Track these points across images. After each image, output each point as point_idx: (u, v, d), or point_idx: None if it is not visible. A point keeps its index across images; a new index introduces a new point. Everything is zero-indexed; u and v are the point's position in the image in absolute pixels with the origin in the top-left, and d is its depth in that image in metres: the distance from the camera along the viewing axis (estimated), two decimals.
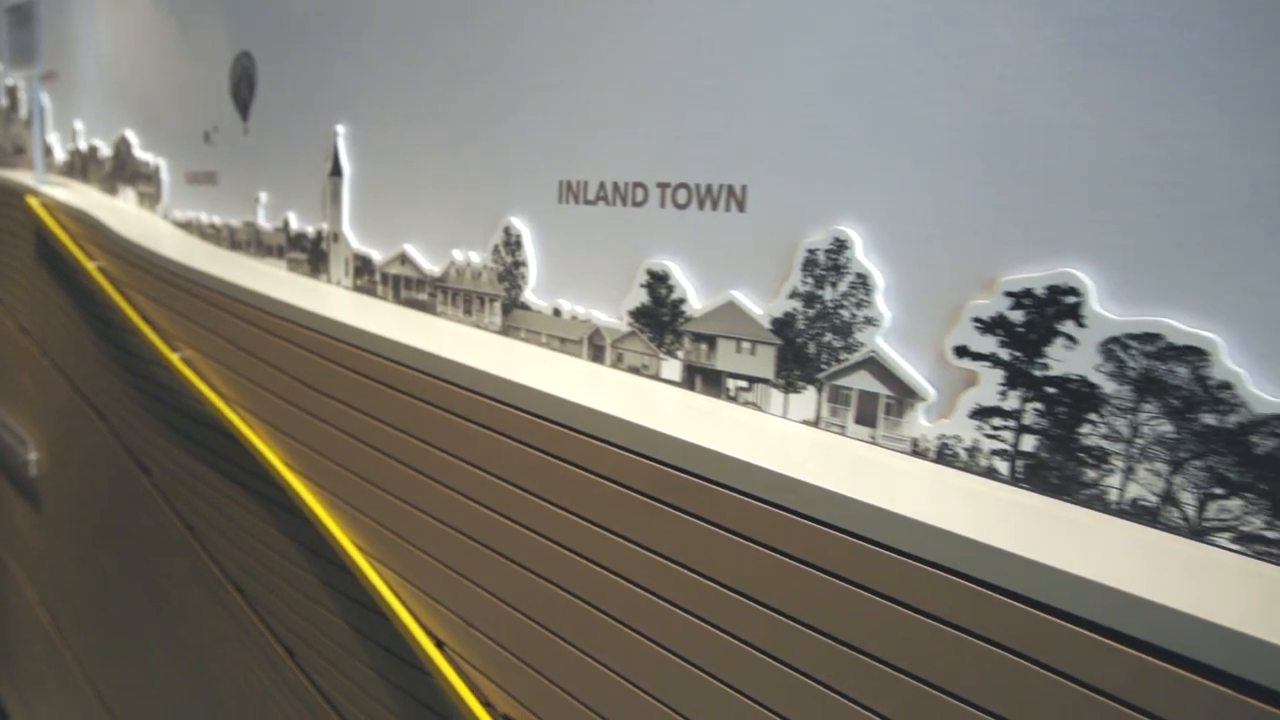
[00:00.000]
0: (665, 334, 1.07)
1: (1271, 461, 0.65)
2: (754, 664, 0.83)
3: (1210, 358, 0.67)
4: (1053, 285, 0.75)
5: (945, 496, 0.77)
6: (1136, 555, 0.68)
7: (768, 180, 0.96)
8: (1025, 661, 0.65)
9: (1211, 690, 0.55)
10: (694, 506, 0.87)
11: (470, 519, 1.15)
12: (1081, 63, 0.73)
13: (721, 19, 0.97)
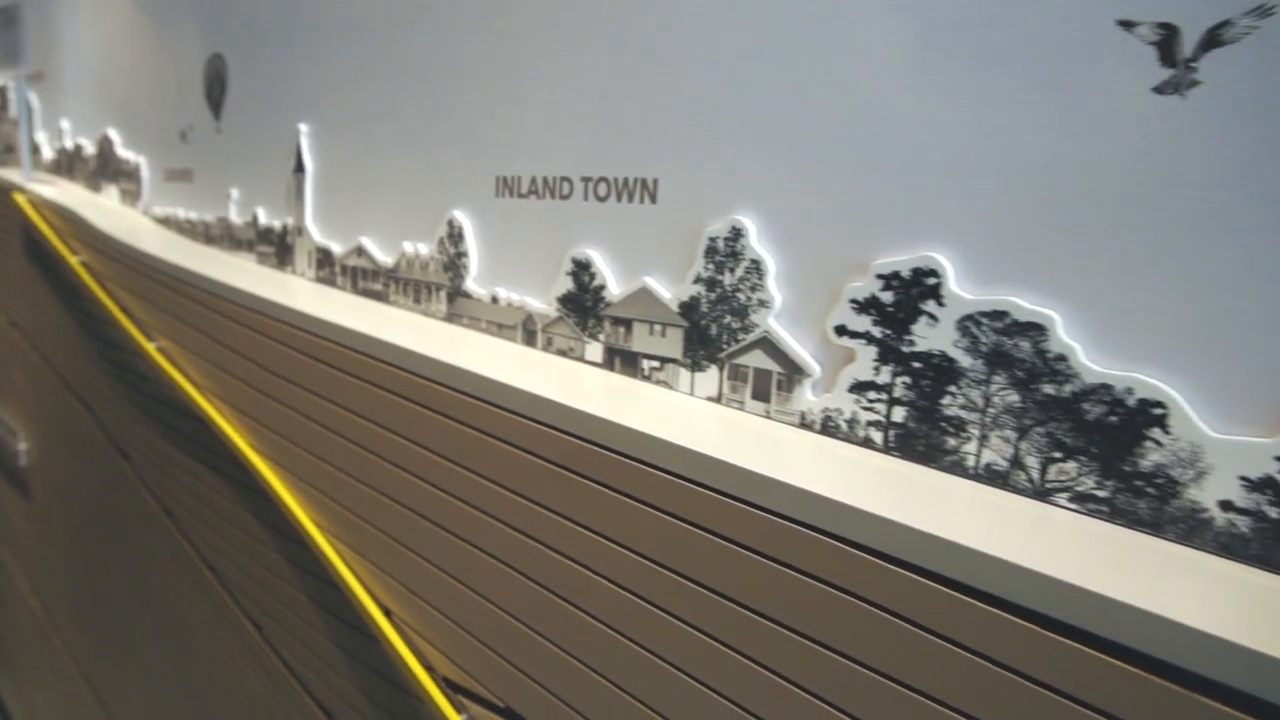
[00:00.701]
0: (588, 319, 1.12)
1: (1100, 427, 0.71)
2: (657, 622, 0.88)
3: (1048, 333, 0.73)
4: (916, 268, 0.80)
5: (825, 465, 0.82)
6: (987, 516, 0.73)
7: (676, 173, 1.01)
8: (888, 615, 0.70)
9: (1049, 639, 0.61)
10: (608, 478, 0.92)
11: (413, 494, 1.20)
12: (937, 65, 0.78)
13: (636, 27, 1.02)
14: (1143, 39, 0.67)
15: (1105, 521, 0.71)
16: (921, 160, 0.79)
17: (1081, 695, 0.59)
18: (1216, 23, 0.64)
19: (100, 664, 2.74)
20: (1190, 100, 0.66)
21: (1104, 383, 0.70)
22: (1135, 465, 0.69)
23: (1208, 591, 0.61)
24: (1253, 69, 0.63)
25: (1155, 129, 0.67)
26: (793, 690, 0.77)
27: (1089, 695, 0.59)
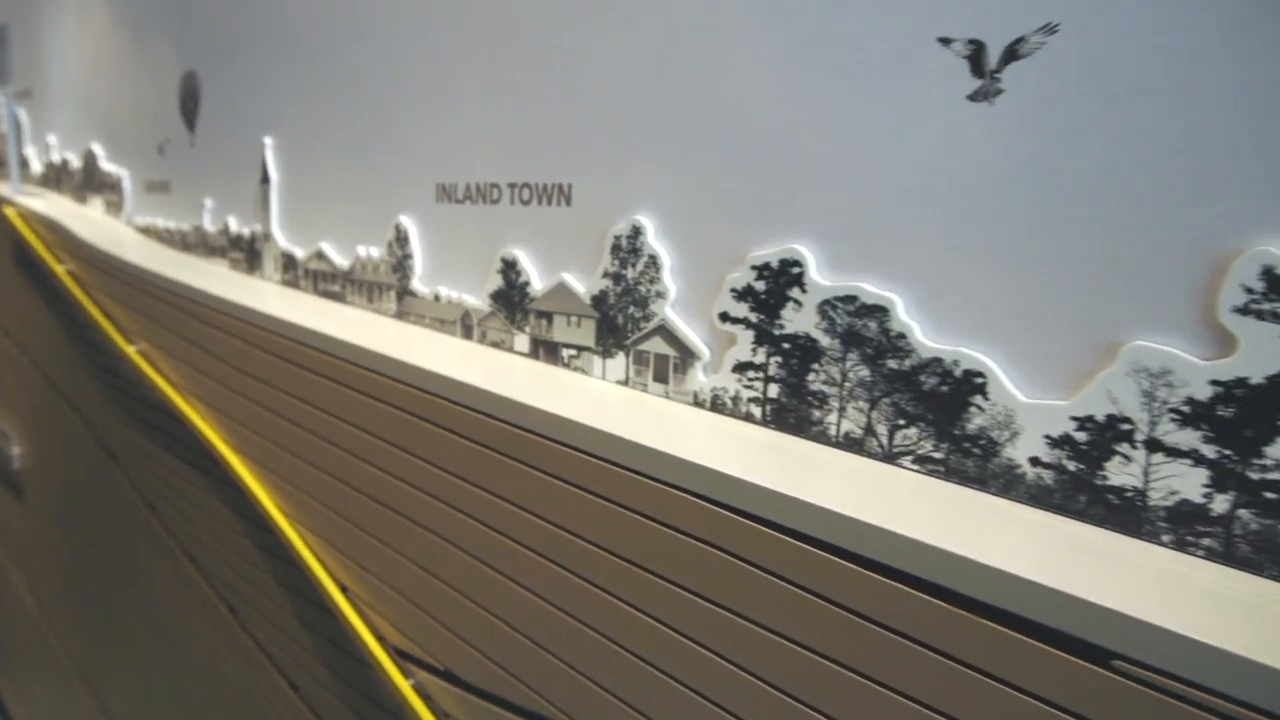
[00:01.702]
0: (516, 313, 1.21)
1: (934, 396, 0.79)
2: (572, 585, 0.97)
3: (891, 314, 0.81)
4: (783, 259, 0.88)
5: (712, 439, 0.90)
6: (844, 480, 0.81)
7: (587, 179, 1.09)
8: (757, 570, 0.78)
9: (892, 587, 0.69)
10: (531, 458, 1.00)
11: (363, 478, 1.28)
12: (797, 80, 0.86)
13: (553, 49, 1.10)
14: (957, 53, 0.75)
15: (942, 479, 0.79)
16: (786, 164, 0.87)
17: (922, 637, 0.68)
18: (1014, 39, 0.72)
19: (92, 656, 2.82)
20: (997, 106, 0.74)
21: (936, 356, 0.78)
22: (963, 429, 0.78)
23: (1025, 541, 0.69)
24: (1043, 77, 0.71)
25: (970, 132, 0.75)
26: (684, 643, 0.86)
27: (930, 637, 0.67)
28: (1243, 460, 0.64)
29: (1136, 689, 0.57)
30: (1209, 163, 0.63)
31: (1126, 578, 0.63)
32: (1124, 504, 0.69)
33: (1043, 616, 0.61)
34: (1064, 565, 0.64)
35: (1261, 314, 0.62)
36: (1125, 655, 0.58)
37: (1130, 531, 0.69)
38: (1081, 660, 0.59)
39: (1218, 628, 0.56)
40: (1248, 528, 0.64)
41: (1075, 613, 0.59)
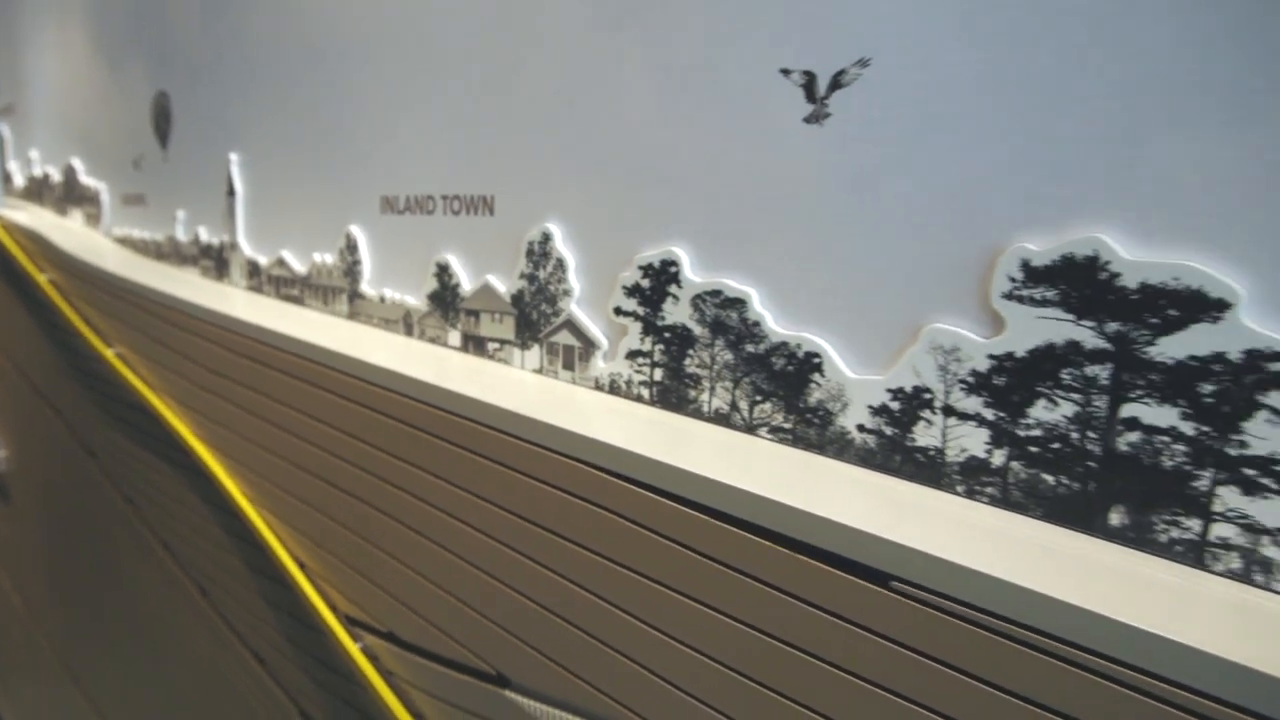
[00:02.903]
0: (449, 311, 1.32)
1: (783, 375, 0.91)
2: (496, 551, 1.08)
3: (748, 305, 0.93)
4: (663, 259, 1.00)
5: (609, 418, 1.02)
6: (713, 450, 0.93)
7: (507, 190, 1.21)
8: (639, 527, 0.90)
9: (750, 540, 0.80)
10: (458, 438, 1.11)
11: (315, 462, 1.39)
12: (674, 103, 0.98)
13: (477, 75, 1.22)
14: (795, 83, 0.88)
15: (791, 446, 0.92)
16: (665, 177, 0.99)
17: (762, 575, 0.80)
18: (837, 70, 0.85)
19: (78, 651, 2.90)
20: (826, 127, 0.86)
21: (784, 341, 0.90)
22: (806, 402, 0.90)
23: (846, 494, 0.81)
24: (861, 103, 0.83)
25: (806, 150, 0.87)
26: (578, 591, 0.97)
27: (776, 578, 0.79)
28: (1012, 420, 0.76)
29: (910, 604, 0.69)
30: (982, 175, 0.76)
31: (918, 520, 0.75)
32: (928, 461, 0.82)
33: (845, 550, 0.73)
34: (874, 513, 0.76)
35: (1022, 299, 0.74)
36: (901, 577, 0.70)
37: (932, 483, 0.82)
38: (867, 581, 0.71)
39: (978, 554, 0.68)
40: (1019, 476, 0.77)
41: (864, 544, 0.71)
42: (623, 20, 1.02)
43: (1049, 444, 0.75)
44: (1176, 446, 0.68)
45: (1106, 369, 0.71)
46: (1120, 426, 0.71)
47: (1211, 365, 0.66)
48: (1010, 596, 0.66)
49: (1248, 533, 0.66)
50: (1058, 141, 0.72)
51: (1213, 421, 0.67)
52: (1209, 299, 0.66)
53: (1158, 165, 0.68)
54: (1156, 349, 0.68)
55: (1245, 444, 0.66)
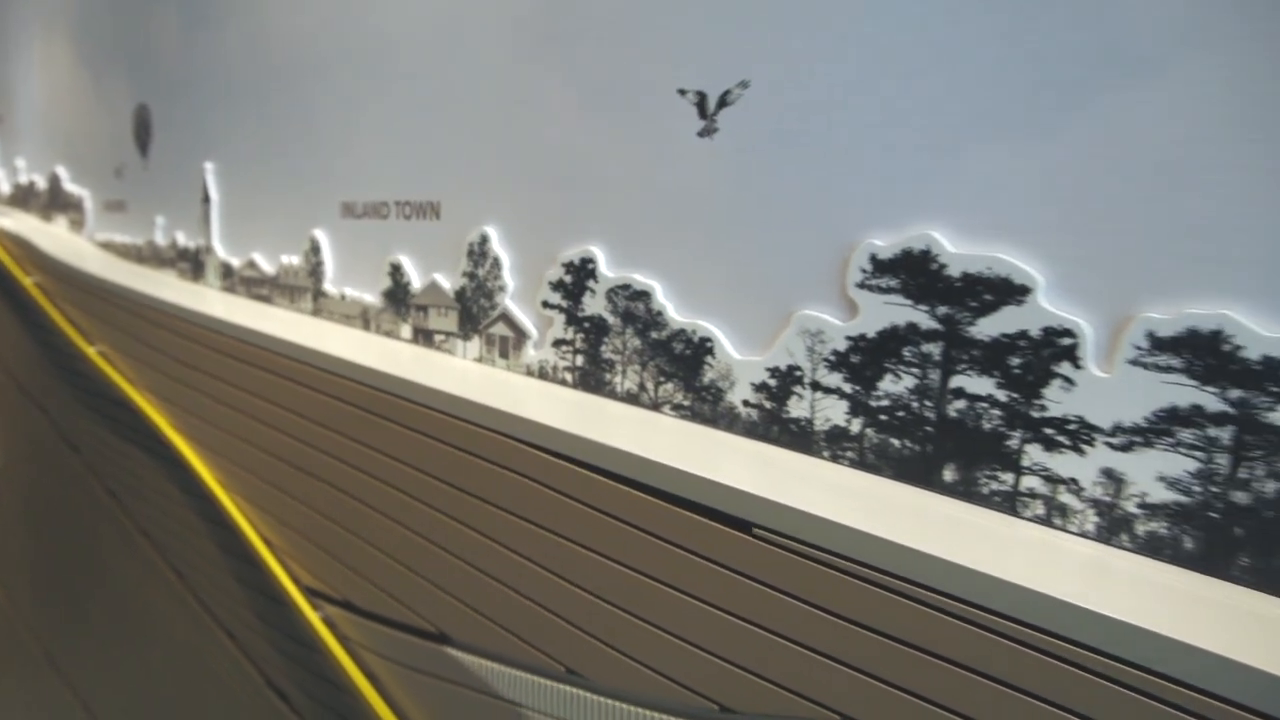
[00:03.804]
0: (402, 307, 1.42)
1: (682, 358, 1.02)
2: (439, 521, 1.18)
3: (652, 297, 1.04)
4: (583, 257, 1.11)
5: (538, 400, 1.12)
6: (628, 425, 1.03)
7: (451, 197, 1.31)
8: (564, 497, 1.00)
9: (654, 504, 0.91)
10: (405, 419, 1.21)
11: (280, 446, 1.49)
12: (591, 115, 1.09)
13: (424, 92, 1.33)
14: (690, 101, 0.99)
15: (690, 421, 1.02)
16: (585, 183, 1.10)
17: (656, 530, 0.90)
18: (724, 90, 0.95)
19: (60, 641, 2.97)
20: (715, 141, 0.97)
21: (682, 328, 1.01)
22: (700, 381, 1.00)
23: (728, 459, 0.92)
24: (743, 119, 0.94)
25: (700, 160, 0.98)
26: (514, 558, 1.08)
27: (665, 530, 0.89)
28: (866, 393, 0.87)
29: (769, 549, 0.80)
30: (839, 181, 0.87)
31: (783, 479, 0.86)
32: (801, 430, 0.93)
33: (717, 503, 0.84)
34: (749, 474, 0.86)
35: (871, 287, 0.85)
36: (761, 524, 0.81)
37: (803, 450, 0.92)
38: (730, 529, 0.82)
39: (827, 507, 0.79)
40: (872, 441, 0.88)
41: (731, 499, 0.82)
42: (545, 48, 1.13)
43: (895, 412, 0.86)
44: (993, 411, 0.80)
45: (938, 346, 0.82)
46: (950, 395, 0.82)
47: (1018, 341, 0.78)
48: (853, 540, 0.77)
49: (1048, 483, 0.77)
50: (898, 152, 0.83)
51: (1020, 389, 0.78)
52: (1015, 285, 0.77)
53: (974, 172, 0.79)
54: (976, 328, 0.80)
55: (1045, 407, 0.77)
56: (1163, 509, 0.72)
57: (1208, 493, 0.70)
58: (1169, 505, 0.72)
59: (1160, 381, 0.71)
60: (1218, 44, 0.67)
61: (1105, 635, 0.63)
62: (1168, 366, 0.70)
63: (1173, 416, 0.71)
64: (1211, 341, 0.68)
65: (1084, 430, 0.75)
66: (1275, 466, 0.67)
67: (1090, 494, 0.75)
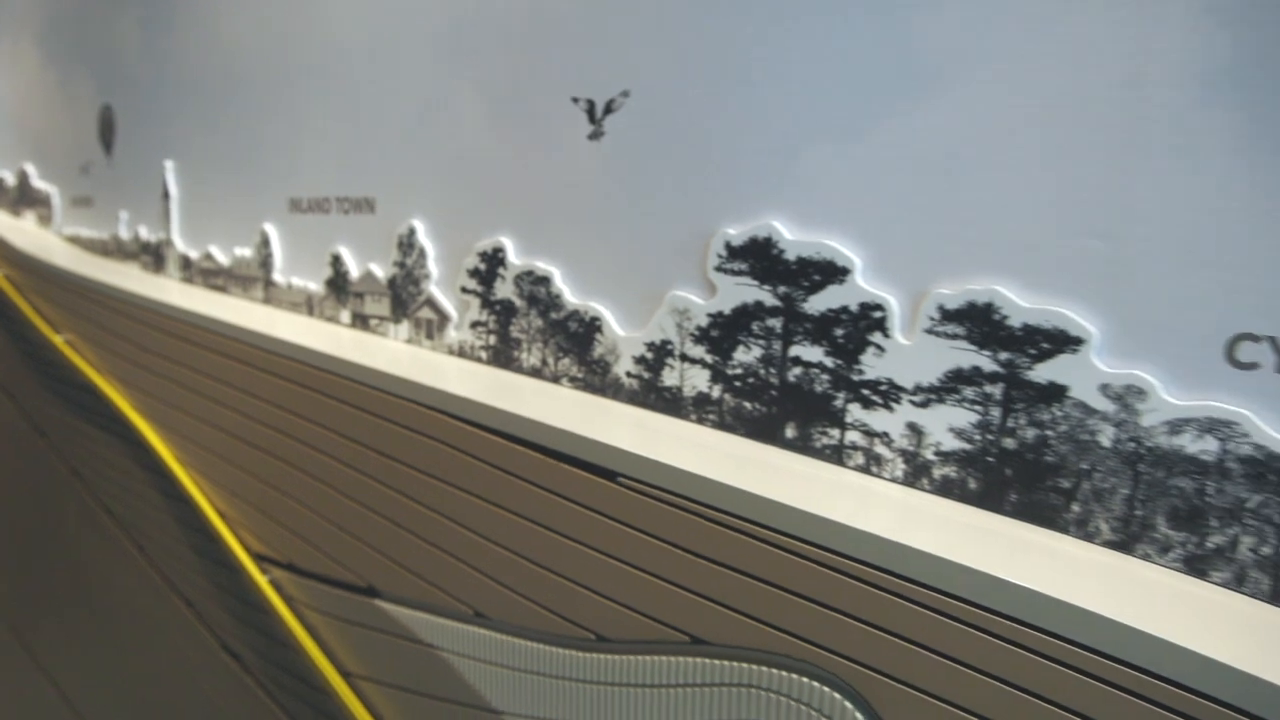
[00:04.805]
0: (341, 294, 1.53)
1: (576, 336, 1.14)
2: (369, 486, 1.29)
3: (552, 282, 1.15)
4: (494, 247, 1.22)
5: (456, 376, 1.23)
6: (531, 396, 1.15)
7: (385, 194, 1.42)
8: (475, 459, 1.11)
9: (554, 465, 1.02)
10: (342, 395, 1.32)
11: (232, 423, 1.59)
12: (496, 125, 1.20)
13: (363, 99, 1.43)
14: (581, 108, 1.10)
15: (584, 392, 1.14)
16: (495, 182, 1.22)
17: (542, 481, 1.02)
18: (609, 99, 1.07)
19: (25, 616, 3.03)
20: (603, 143, 1.09)
21: (576, 309, 1.13)
22: (592, 356, 1.12)
23: (605, 422, 1.04)
24: (625, 125, 1.06)
25: (590, 161, 1.10)
26: (440, 519, 1.19)
27: (553, 484, 1.01)
28: (724, 362, 0.99)
29: (632, 495, 0.92)
30: (701, 177, 0.99)
31: (650, 437, 0.98)
32: (673, 397, 1.05)
33: (590, 456, 0.96)
34: (621, 433, 0.98)
35: (726, 270, 0.98)
36: (626, 474, 0.93)
37: (674, 414, 1.04)
38: (595, 475, 0.94)
39: (687, 460, 0.91)
40: (729, 405, 1.00)
41: (601, 451, 0.94)
42: (459, 60, 1.25)
43: (746, 379, 0.98)
44: (823, 376, 0.92)
45: (779, 321, 0.94)
46: (789, 363, 0.94)
47: (840, 315, 0.90)
48: (706, 488, 0.89)
49: (866, 436, 0.90)
50: (746, 153, 0.95)
51: (843, 356, 0.90)
52: (838, 267, 0.90)
53: (806, 170, 0.91)
54: (808, 305, 0.92)
55: (862, 371, 0.89)
56: (953, 455, 0.85)
57: (985, 440, 0.83)
58: (957, 452, 0.84)
59: (949, 347, 0.84)
60: (999, 58, 0.79)
61: (910, 564, 0.76)
62: (954, 334, 0.83)
63: (958, 376, 0.84)
64: (985, 312, 0.81)
65: (893, 390, 0.88)
66: (1034, 416, 0.80)
67: (898, 445, 0.88)
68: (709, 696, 0.90)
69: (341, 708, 1.39)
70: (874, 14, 0.85)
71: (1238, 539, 0.72)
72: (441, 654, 1.20)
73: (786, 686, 0.85)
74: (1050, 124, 0.77)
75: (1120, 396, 0.76)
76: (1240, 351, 0.71)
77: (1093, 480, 0.78)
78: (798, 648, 0.83)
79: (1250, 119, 0.69)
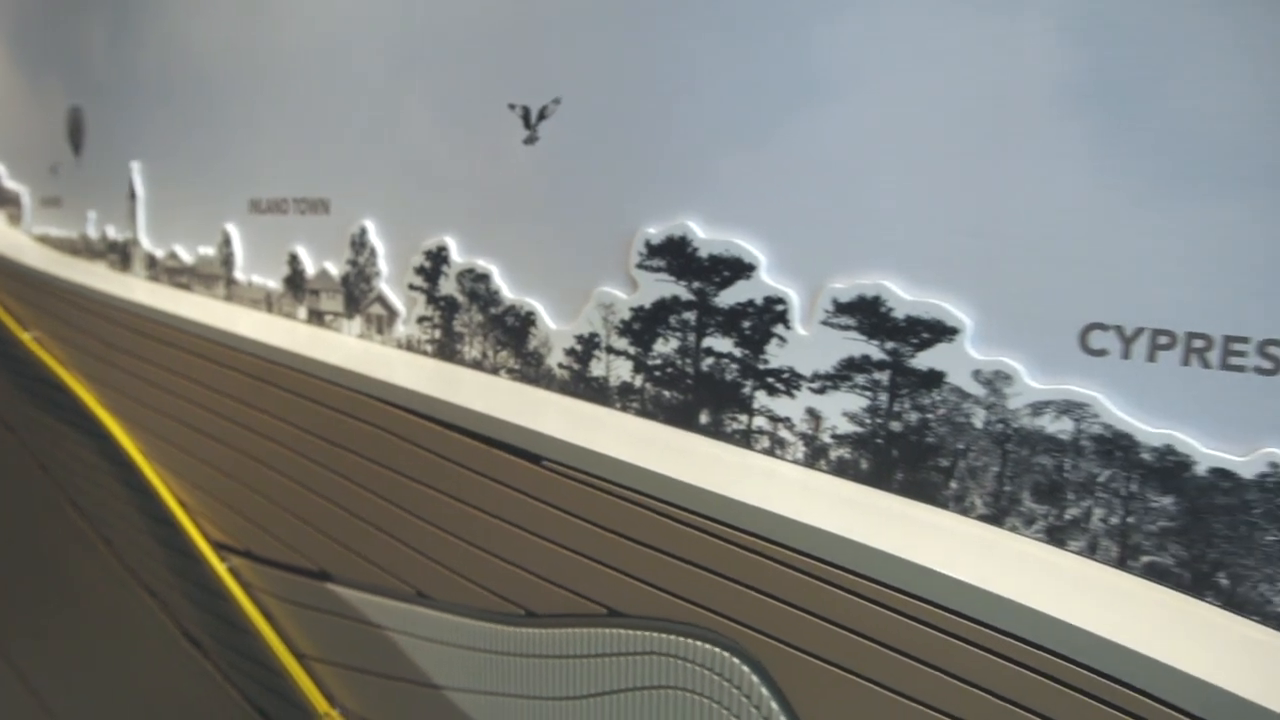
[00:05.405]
0: (299, 291, 1.58)
1: (513, 329, 1.19)
2: (320, 474, 1.34)
3: (491, 279, 1.21)
4: (439, 246, 1.28)
5: (404, 369, 1.29)
6: (475, 389, 1.21)
7: (338, 195, 1.47)
8: (423, 450, 1.17)
9: (485, 450, 1.08)
10: (296, 388, 1.37)
11: (191, 415, 1.63)
12: (444, 128, 1.26)
13: (318, 106, 1.49)
14: (518, 114, 1.16)
15: (520, 382, 1.20)
16: (439, 183, 1.27)
17: (478, 467, 1.07)
18: (543, 105, 1.13)
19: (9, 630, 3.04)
20: (537, 148, 1.15)
21: (513, 304, 1.19)
22: (527, 348, 1.18)
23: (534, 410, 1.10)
24: (558, 131, 1.12)
25: (526, 163, 1.16)
26: (388, 506, 1.24)
27: (482, 466, 1.07)
28: (645, 353, 1.06)
29: (555, 477, 0.98)
30: (626, 182, 1.05)
31: (575, 424, 1.04)
32: (600, 386, 1.11)
33: (517, 441, 1.02)
34: (548, 420, 1.04)
35: (647, 267, 1.04)
36: (550, 458, 0.99)
37: (601, 402, 1.10)
38: (524, 460, 1.00)
39: (608, 444, 0.97)
40: (650, 393, 1.06)
41: (526, 436, 1.00)
42: (407, 70, 1.30)
43: (665, 369, 1.04)
44: (732, 365, 0.99)
45: (694, 314, 1.01)
46: (703, 354, 1.01)
47: (747, 308, 0.96)
48: (623, 471, 0.95)
49: (771, 421, 0.97)
50: (665, 158, 1.02)
51: (750, 346, 0.97)
52: (745, 263, 0.96)
53: (717, 175, 0.98)
54: (719, 299, 0.98)
55: (767, 361, 0.96)
56: (846, 438, 0.91)
57: (874, 423, 0.89)
58: (850, 435, 0.91)
59: (842, 337, 0.90)
60: (885, 74, 0.86)
61: (802, 540, 0.82)
62: (846, 325, 0.90)
63: (851, 364, 0.90)
64: (873, 305, 0.88)
65: (794, 378, 0.94)
66: (917, 401, 0.87)
67: (799, 429, 0.94)
68: (624, 665, 0.96)
69: (295, 689, 1.44)
70: (776, 34, 0.92)
71: (1091, 511, 0.79)
72: (387, 633, 1.25)
73: (692, 653, 0.91)
74: (929, 132, 0.84)
75: (990, 381, 0.82)
76: (1092, 340, 0.78)
77: (968, 459, 0.84)
78: (702, 617, 0.90)
79: (1098, 129, 0.76)
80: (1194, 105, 0.72)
